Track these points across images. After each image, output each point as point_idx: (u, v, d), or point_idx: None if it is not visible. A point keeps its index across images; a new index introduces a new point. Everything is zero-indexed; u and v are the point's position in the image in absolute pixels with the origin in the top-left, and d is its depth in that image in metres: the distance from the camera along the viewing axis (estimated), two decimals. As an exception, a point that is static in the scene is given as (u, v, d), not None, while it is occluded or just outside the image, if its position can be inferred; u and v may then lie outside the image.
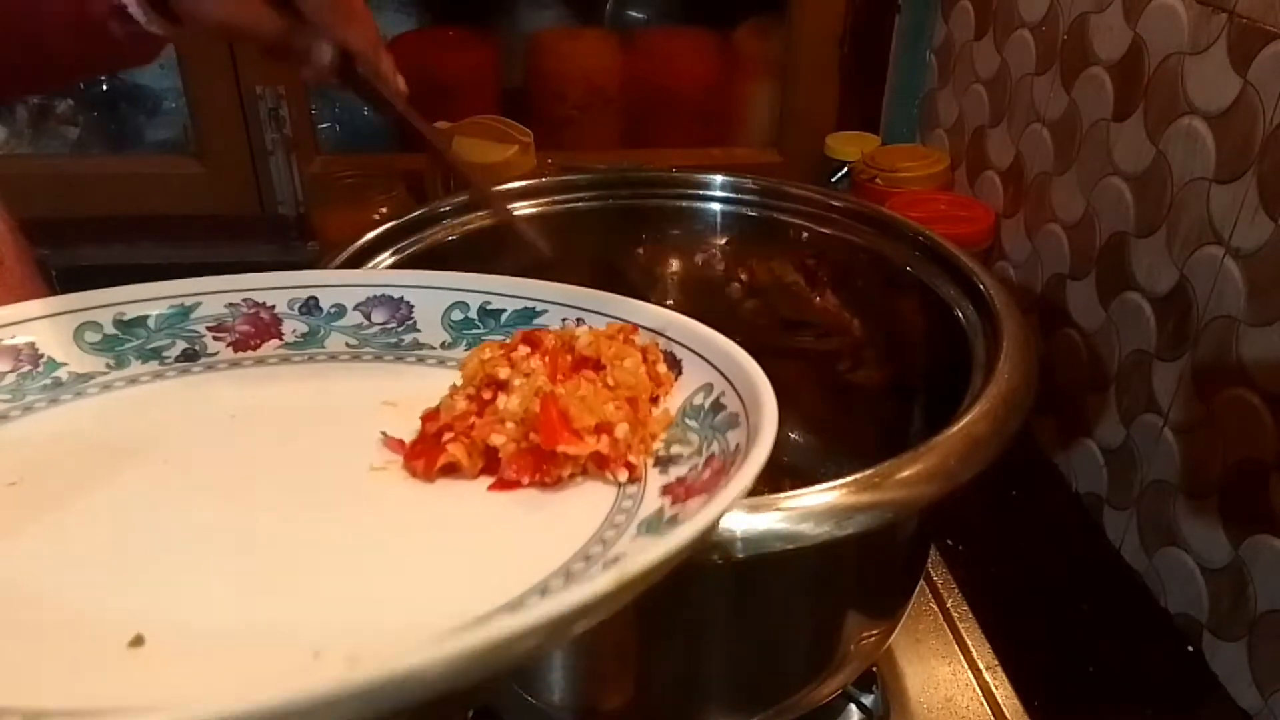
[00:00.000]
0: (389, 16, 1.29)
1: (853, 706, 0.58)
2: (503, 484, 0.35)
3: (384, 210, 0.96)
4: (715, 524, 0.29)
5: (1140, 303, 0.72)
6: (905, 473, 0.38)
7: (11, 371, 0.38)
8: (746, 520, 0.35)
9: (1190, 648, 0.67)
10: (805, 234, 0.64)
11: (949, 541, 0.73)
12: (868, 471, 0.37)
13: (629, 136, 1.23)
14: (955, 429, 0.41)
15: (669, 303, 0.70)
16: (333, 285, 0.45)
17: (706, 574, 0.41)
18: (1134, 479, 0.73)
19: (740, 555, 0.34)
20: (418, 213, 0.61)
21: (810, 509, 0.36)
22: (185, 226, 1.11)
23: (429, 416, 0.38)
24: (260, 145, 1.07)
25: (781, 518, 0.35)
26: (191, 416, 0.39)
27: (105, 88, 1.32)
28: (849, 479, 0.37)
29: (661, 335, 0.41)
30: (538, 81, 1.18)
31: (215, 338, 0.43)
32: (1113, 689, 0.65)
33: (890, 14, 1.09)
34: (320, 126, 1.24)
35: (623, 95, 1.20)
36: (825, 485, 0.37)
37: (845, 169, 1.06)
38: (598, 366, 0.39)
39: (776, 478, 0.68)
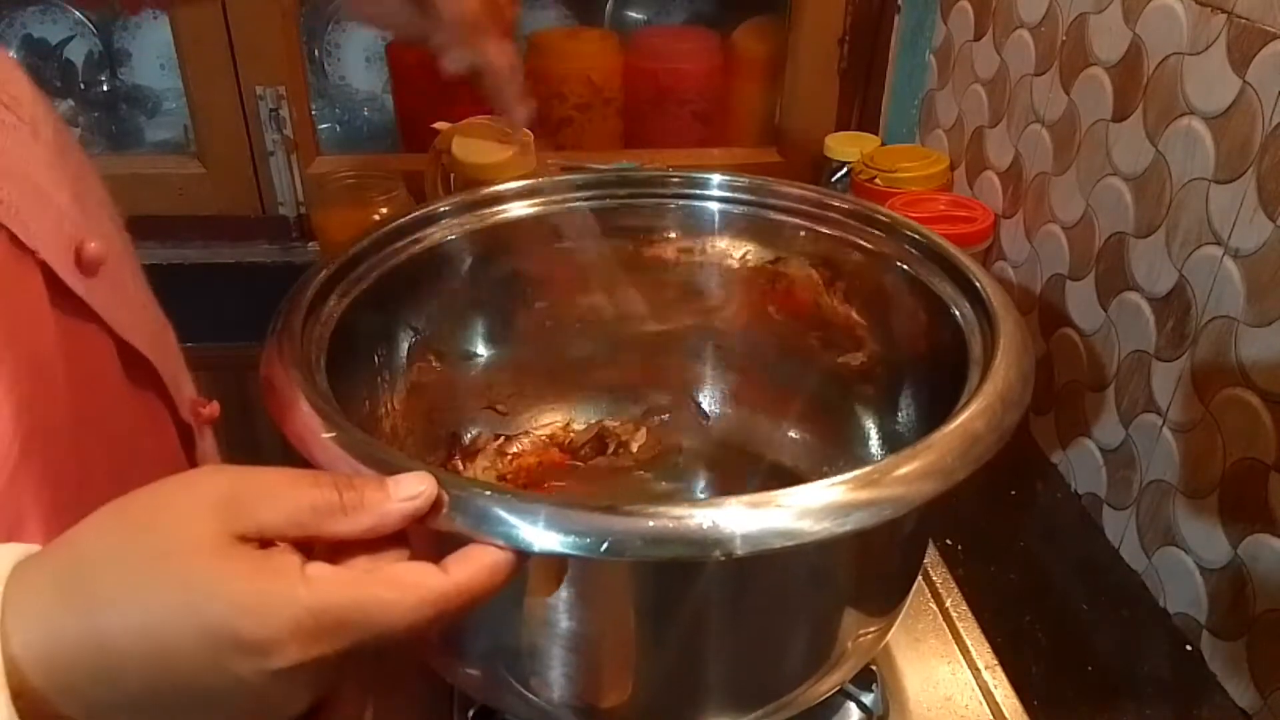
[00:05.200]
0: (389, 17, 1.29)
1: (852, 705, 0.58)
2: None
3: (384, 211, 0.96)
4: None
5: (1139, 303, 0.72)
6: (903, 470, 0.38)
7: None
8: (746, 517, 0.35)
9: (1189, 647, 0.67)
10: (803, 233, 0.64)
11: (948, 541, 0.73)
12: (866, 468, 0.38)
13: (629, 136, 1.23)
14: (953, 426, 0.41)
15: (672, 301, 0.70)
16: None
17: (704, 570, 0.41)
18: (1133, 479, 0.73)
19: (740, 553, 0.34)
20: (417, 213, 0.61)
21: (809, 506, 0.36)
22: (186, 227, 1.11)
23: None
24: (261, 146, 1.07)
25: (781, 515, 0.35)
26: None
27: (106, 88, 1.32)
28: (847, 476, 0.37)
29: None
30: (537, 81, 1.18)
31: None
32: (1112, 688, 0.65)
33: (890, 14, 1.09)
34: (321, 127, 1.25)
35: (622, 95, 1.20)
36: (824, 482, 0.37)
37: (845, 169, 1.06)
38: None
39: (775, 476, 0.69)
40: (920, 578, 0.66)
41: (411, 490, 0.34)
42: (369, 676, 0.32)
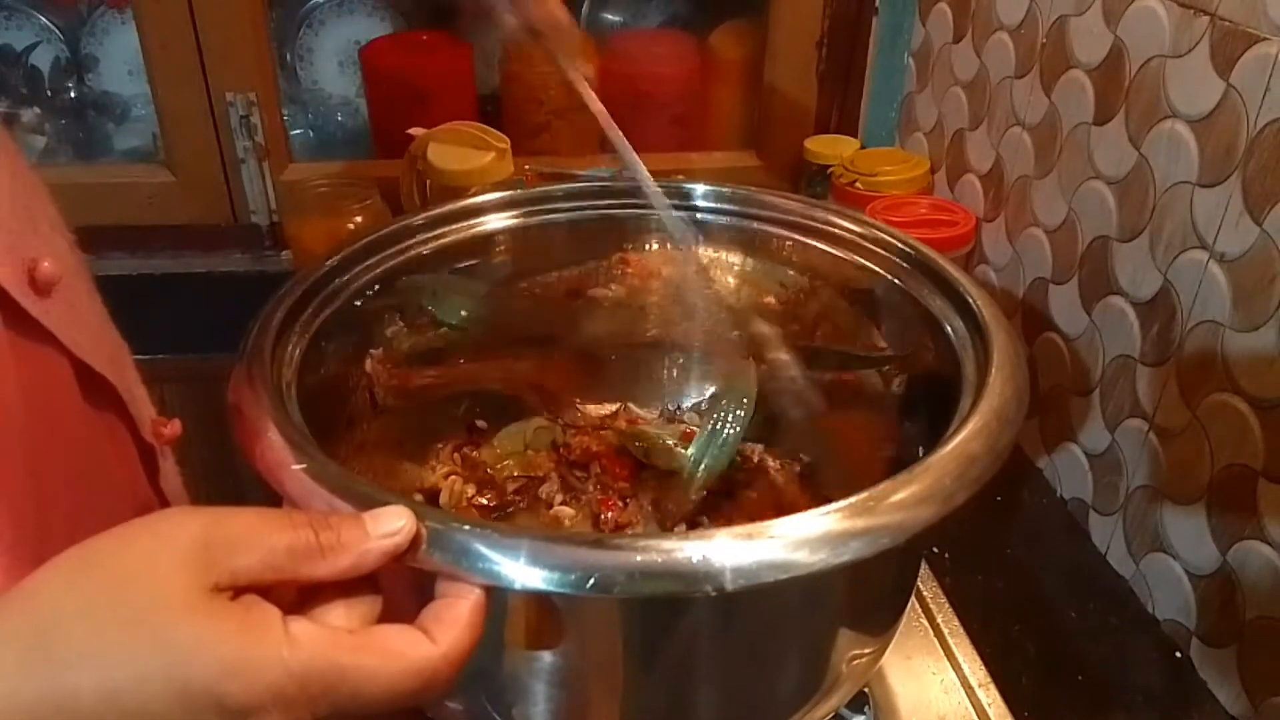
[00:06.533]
0: (361, 21, 1.27)
1: (844, 728, 0.57)
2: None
3: (359, 219, 0.94)
4: None
5: (1124, 307, 0.72)
6: (900, 495, 0.37)
7: None
8: (737, 550, 0.34)
9: (1179, 654, 0.67)
10: (788, 244, 0.63)
11: (934, 549, 0.73)
12: (862, 495, 0.36)
13: (606, 141, 1.21)
14: (949, 448, 0.40)
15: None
16: None
17: (693, 603, 0.39)
18: (1119, 484, 0.73)
19: (730, 588, 0.33)
20: (390, 227, 0.59)
21: (803, 537, 0.34)
22: (155, 236, 1.09)
23: None
24: (232, 153, 1.05)
25: (773, 546, 0.34)
26: None
27: (73, 95, 1.29)
28: (842, 503, 0.36)
29: None
30: (513, 87, 1.17)
31: None
32: (1102, 698, 0.65)
33: (868, 17, 1.08)
34: (293, 133, 1.22)
35: (600, 99, 1.19)
36: (817, 511, 0.35)
37: (824, 173, 1.05)
38: None
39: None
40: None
41: (390, 526, 0.33)
42: None
